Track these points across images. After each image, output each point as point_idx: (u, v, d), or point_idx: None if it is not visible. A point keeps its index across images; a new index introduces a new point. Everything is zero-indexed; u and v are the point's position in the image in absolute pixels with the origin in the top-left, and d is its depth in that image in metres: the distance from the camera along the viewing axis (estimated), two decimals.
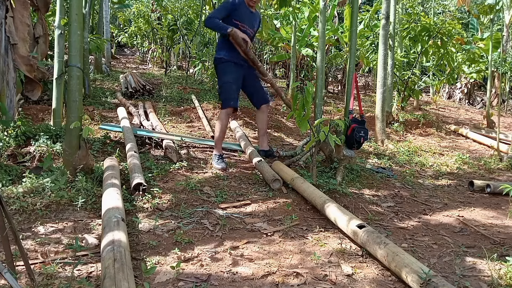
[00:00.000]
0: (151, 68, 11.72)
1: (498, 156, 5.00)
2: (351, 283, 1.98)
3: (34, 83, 4.05)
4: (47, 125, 3.96)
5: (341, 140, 3.66)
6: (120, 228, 2.06)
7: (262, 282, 1.95)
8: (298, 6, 7.32)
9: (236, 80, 3.83)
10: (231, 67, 3.80)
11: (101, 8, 8.96)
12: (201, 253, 2.20)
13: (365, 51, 8.41)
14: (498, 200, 3.52)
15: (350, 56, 4.00)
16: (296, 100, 3.58)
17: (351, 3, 4.34)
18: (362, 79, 13.21)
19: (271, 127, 5.90)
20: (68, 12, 3.10)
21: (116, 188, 2.61)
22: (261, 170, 3.53)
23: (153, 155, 3.95)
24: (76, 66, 2.97)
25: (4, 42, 3.57)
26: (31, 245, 2.17)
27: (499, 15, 11.88)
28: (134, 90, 6.81)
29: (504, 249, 2.47)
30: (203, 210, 2.78)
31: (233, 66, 3.81)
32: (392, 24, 6.41)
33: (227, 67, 3.81)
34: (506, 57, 10.01)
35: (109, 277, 1.64)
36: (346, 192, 3.27)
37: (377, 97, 5.77)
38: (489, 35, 7.49)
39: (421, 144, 5.87)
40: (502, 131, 6.45)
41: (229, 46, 3.77)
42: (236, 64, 3.82)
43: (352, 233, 2.38)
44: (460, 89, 11.72)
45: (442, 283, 1.74)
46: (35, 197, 2.64)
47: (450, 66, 7.86)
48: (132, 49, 16.18)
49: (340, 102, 8.57)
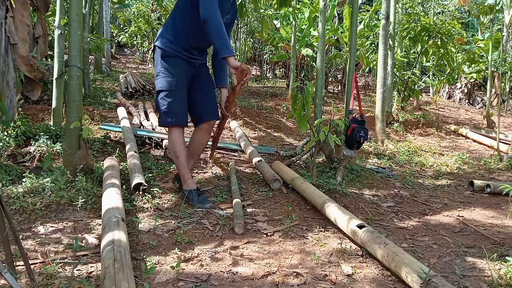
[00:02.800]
0: (151, 68, 11.72)
1: (498, 156, 5.00)
2: (351, 283, 1.98)
3: (34, 83, 4.05)
4: (47, 125, 3.96)
5: (341, 140, 3.66)
6: (120, 228, 2.06)
7: (262, 282, 1.95)
8: (298, 6, 7.32)
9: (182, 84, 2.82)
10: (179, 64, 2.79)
11: (101, 8, 8.96)
12: (201, 253, 2.20)
13: (365, 51, 8.41)
14: (498, 200, 3.52)
15: (350, 56, 4.00)
16: (296, 100, 3.58)
17: (351, 3, 4.34)
18: (362, 79, 13.21)
19: (271, 127, 5.91)
20: (68, 12, 3.10)
21: (116, 188, 2.61)
22: (261, 170, 3.53)
23: (153, 155, 3.95)
24: (76, 66, 2.97)
25: (4, 42, 3.57)
26: (31, 245, 2.17)
27: (499, 15, 11.88)
28: (134, 90, 6.82)
29: (504, 249, 2.47)
30: (203, 210, 2.78)
31: (183, 63, 2.81)
32: (392, 24, 6.41)
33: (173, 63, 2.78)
34: (506, 57, 10.01)
35: (109, 277, 1.64)
36: (346, 192, 3.27)
37: (377, 97, 5.77)
38: (489, 35, 7.49)
39: (421, 144, 5.87)
40: (502, 131, 6.45)
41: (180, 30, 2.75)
42: (185, 61, 2.82)
43: (352, 233, 2.38)
44: (460, 89, 11.71)
45: (442, 283, 1.74)
46: (35, 197, 2.64)
47: (450, 66, 7.86)
48: (132, 49, 16.17)
49: (340, 102, 8.57)
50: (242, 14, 6.14)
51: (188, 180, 2.87)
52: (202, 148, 3.07)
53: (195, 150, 3.02)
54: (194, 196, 2.84)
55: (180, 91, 2.79)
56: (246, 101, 7.23)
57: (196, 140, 3.00)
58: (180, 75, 2.78)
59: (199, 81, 2.93)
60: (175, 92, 2.76)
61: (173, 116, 2.77)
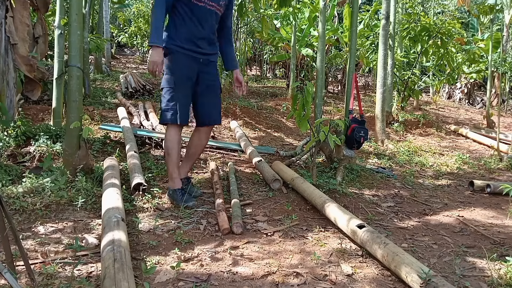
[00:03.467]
0: None
1: (498, 156, 5.00)
2: (351, 283, 1.98)
3: (34, 83, 4.05)
4: (47, 125, 3.96)
5: (341, 140, 3.66)
6: (120, 228, 2.06)
7: (262, 282, 1.95)
8: (298, 6, 7.32)
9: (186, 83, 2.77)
10: (180, 60, 2.73)
11: (101, 8, 8.97)
12: (201, 253, 2.20)
13: (365, 51, 8.41)
14: (498, 200, 3.52)
15: (350, 56, 4.00)
16: (296, 100, 3.59)
17: (351, 3, 4.34)
18: (362, 79, 13.22)
19: (271, 127, 5.91)
20: (68, 12, 3.10)
21: (116, 188, 2.61)
22: (261, 170, 3.53)
23: (153, 155, 3.95)
24: (76, 66, 2.97)
25: (4, 42, 3.57)
26: (31, 245, 2.17)
27: (499, 15, 11.88)
28: (134, 90, 6.82)
29: (504, 249, 2.47)
30: (203, 210, 2.78)
31: (185, 59, 2.74)
32: (392, 24, 6.41)
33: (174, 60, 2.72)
34: (506, 57, 10.01)
35: (109, 277, 1.64)
36: (346, 192, 3.27)
37: (377, 97, 5.77)
38: (489, 35, 7.49)
39: (421, 144, 5.87)
40: (502, 131, 6.45)
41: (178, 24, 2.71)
42: (188, 56, 2.74)
43: (352, 233, 2.38)
44: (460, 89, 11.72)
45: (442, 283, 1.74)
46: (35, 197, 2.64)
47: (450, 66, 7.86)
48: (132, 49, 16.19)
49: (340, 102, 8.57)
50: (242, 14, 6.13)
51: (175, 179, 2.83)
52: (201, 149, 3.02)
53: (194, 151, 2.98)
54: (178, 195, 2.81)
55: (180, 89, 2.73)
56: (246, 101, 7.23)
57: (194, 142, 2.96)
58: (181, 72, 2.72)
59: (205, 83, 2.84)
60: (175, 90, 2.72)
61: (172, 114, 2.73)
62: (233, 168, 3.61)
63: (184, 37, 2.70)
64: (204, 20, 2.73)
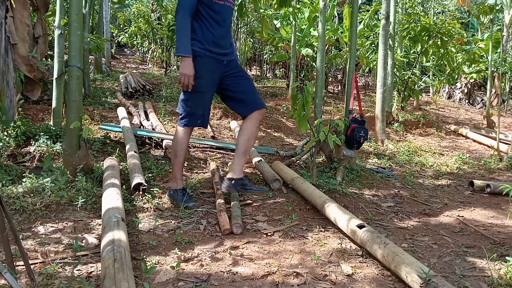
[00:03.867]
0: (151, 68, 11.73)
1: (498, 156, 5.00)
2: (351, 283, 1.98)
3: (34, 83, 4.05)
4: (47, 125, 3.96)
5: (341, 140, 3.66)
6: (120, 228, 2.06)
7: (262, 282, 1.95)
8: (298, 6, 7.32)
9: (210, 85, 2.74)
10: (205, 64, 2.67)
11: (101, 8, 8.96)
12: (201, 253, 2.20)
13: (365, 51, 8.41)
14: (498, 200, 3.52)
15: (350, 56, 4.00)
16: (296, 100, 3.58)
17: (351, 3, 4.34)
18: (362, 79, 13.21)
19: (271, 127, 5.91)
20: (68, 12, 3.10)
21: (116, 188, 2.61)
22: (261, 170, 3.53)
23: (153, 155, 3.95)
24: (76, 66, 2.97)
25: (4, 42, 3.57)
26: (31, 245, 2.17)
27: (499, 15, 11.89)
28: (134, 90, 6.81)
29: (504, 249, 2.47)
30: (203, 210, 2.78)
31: (214, 63, 2.71)
32: (392, 24, 6.41)
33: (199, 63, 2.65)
34: (506, 57, 10.01)
35: (109, 277, 1.64)
36: (346, 192, 3.27)
37: (377, 97, 5.77)
38: (489, 35, 7.49)
39: (421, 144, 5.87)
40: (502, 131, 6.45)
41: (204, 27, 2.66)
42: (216, 60, 2.72)
43: (352, 233, 2.38)
44: (460, 89, 11.71)
45: (442, 283, 1.74)
46: (35, 197, 2.64)
47: (450, 66, 7.86)
48: (132, 49, 16.18)
49: (340, 102, 8.57)
50: (242, 14, 6.13)
51: (178, 180, 2.86)
52: (254, 138, 2.89)
53: (248, 141, 2.81)
54: (179, 196, 2.82)
55: (208, 93, 2.74)
56: None
57: (247, 130, 2.81)
58: (211, 76, 2.71)
59: (234, 75, 2.81)
60: (203, 94, 2.71)
61: (187, 116, 2.73)
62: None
63: (210, 40, 2.67)
64: (226, 18, 2.73)
